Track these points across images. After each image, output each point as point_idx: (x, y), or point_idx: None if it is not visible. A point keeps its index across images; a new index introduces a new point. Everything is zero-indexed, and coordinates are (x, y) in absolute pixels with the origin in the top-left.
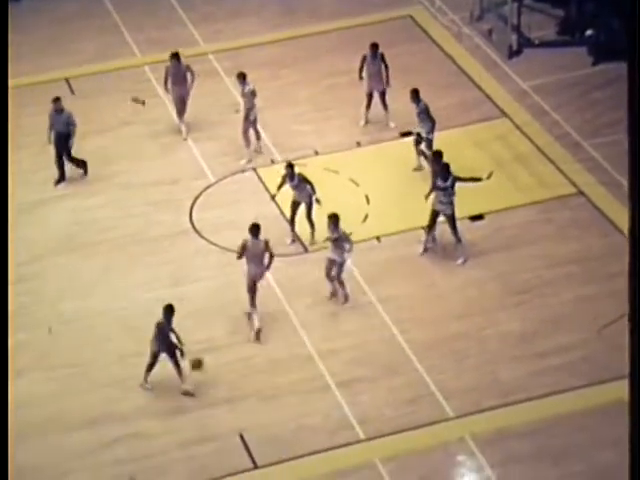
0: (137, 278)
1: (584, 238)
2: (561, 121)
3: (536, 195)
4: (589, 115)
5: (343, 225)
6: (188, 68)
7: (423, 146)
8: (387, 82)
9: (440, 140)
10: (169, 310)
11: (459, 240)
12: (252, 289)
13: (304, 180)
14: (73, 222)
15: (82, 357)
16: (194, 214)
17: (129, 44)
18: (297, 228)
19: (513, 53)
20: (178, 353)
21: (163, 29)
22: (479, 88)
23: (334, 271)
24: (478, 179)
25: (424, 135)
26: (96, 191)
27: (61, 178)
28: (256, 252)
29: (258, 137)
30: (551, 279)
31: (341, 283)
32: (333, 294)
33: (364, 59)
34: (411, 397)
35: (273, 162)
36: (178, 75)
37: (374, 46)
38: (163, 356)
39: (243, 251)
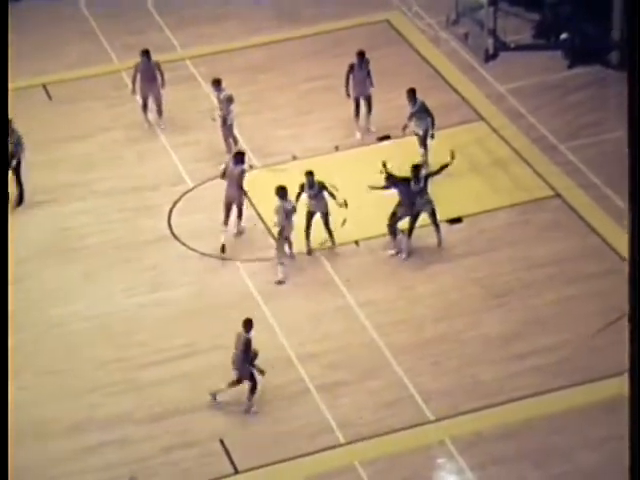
0: (117, 284)
1: (562, 240)
2: (537, 124)
3: (514, 198)
4: (565, 118)
5: (322, 230)
6: (157, 66)
7: (429, 140)
8: (372, 84)
9: (416, 143)
10: (250, 325)
11: (439, 230)
12: (227, 208)
13: (323, 188)
14: (54, 229)
15: (64, 363)
16: (173, 220)
17: (106, 50)
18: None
19: (489, 57)
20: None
21: (140, 35)
22: (456, 91)
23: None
24: (445, 165)
25: (420, 134)
26: (75, 197)
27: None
28: (234, 176)
29: (235, 142)
30: (530, 281)
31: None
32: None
33: (351, 67)
34: (391, 400)
35: (251, 167)
36: (147, 73)
37: (361, 54)
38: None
39: (224, 172)
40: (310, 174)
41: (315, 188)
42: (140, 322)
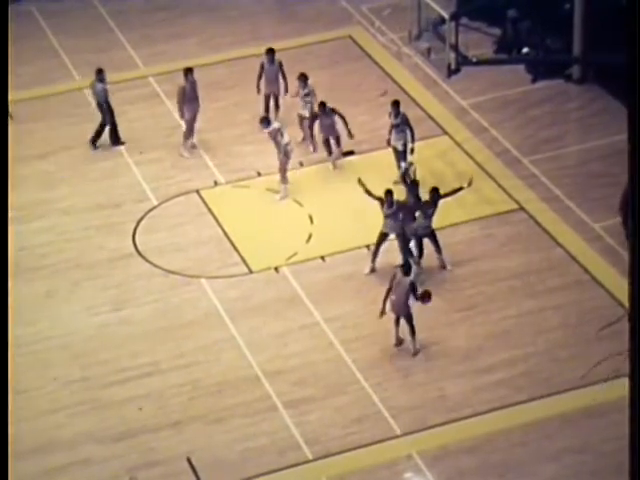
0: (80, 303)
1: (525, 253)
2: (500, 138)
3: (477, 211)
4: (528, 131)
5: (288, 246)
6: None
7: (408, 162)
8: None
9: (381, 158)
10: (408, 268)
11: (441, 252)
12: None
13: (400, 209)
14: (16, 248)
15: (28, 383)
16: (137, 237)
17: (67, 67)
18: (242, 249)
19: (452, 71)
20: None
21: (102, 52)
22: (419, 106)
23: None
24: (460, 188)
25: (400, 148)
26: (38, 216)
27: None
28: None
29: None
30: (494, 294)
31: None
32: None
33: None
34: (358, 416)
35: (216, 184)
36: (271, 73)
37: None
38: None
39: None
40: (389, 193)
41: (394, 207)
42: (104, 341)
